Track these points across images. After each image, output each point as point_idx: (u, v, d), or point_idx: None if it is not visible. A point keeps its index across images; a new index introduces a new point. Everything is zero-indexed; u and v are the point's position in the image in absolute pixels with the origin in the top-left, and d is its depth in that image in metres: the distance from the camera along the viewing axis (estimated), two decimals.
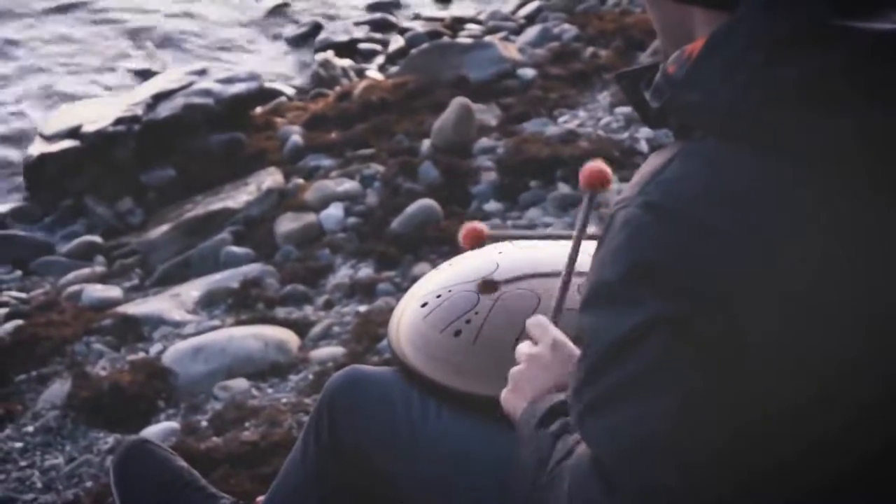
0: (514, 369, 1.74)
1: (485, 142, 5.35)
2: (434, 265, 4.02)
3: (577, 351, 1.68)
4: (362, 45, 8.23)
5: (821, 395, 1.31)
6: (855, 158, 1.31)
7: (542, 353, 1.72)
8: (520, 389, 1.70)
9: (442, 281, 2.24)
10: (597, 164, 2.12)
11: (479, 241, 2.26)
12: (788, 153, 1.31)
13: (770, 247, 1.29)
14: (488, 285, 2.17)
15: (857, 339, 1.31)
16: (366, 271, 4.50)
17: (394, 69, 7.34)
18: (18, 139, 7.23)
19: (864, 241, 1.31)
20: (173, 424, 3.57)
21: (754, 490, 1.33)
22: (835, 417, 1.32)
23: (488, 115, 5.79)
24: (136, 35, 8.90)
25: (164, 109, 6.44)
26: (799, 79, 1.30)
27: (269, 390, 3.72)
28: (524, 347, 1.76)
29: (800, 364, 1.30)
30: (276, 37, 8.83)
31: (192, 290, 4.65)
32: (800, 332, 1.29)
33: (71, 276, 5.23)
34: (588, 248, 1.99)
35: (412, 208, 4.78)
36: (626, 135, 5.28)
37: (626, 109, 5.41)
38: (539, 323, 1.79)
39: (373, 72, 7.53)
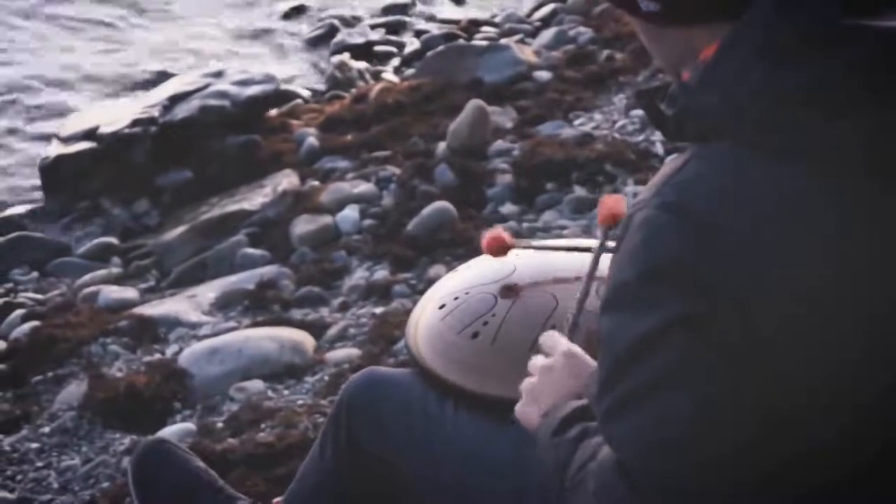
0: (526, 381, 1.74)
1: (500, 144, 5.35)
2: (450, 267, 4.03)
3: (589, 360, 1.69)
4: (378, 48, 8.24)
5: (831, 393, 1.32)
6: (867, 160, 1.31)
7: (555, 363, 1.73)
8: (534, 401, 1.70)
9: (459, 283, 2.24)
10: (614, 202, 2.12)
11: (503, 251, 2.26)
12: (800, 155, 1.31)
13: (781, 248, 1.30)
14: (509, 290, 2.17)
15: (866, 339, 1.32)
16: (381, 273, 4.49)
17: (409, 71, 7.34)
18: (35, 141, 7.25)
19: (874, 243, 1.32)
20: (189, 426, 3.57)
21: (769, 489, 1.34)
22: (844, 416, 1.33)
23: (504, 117, 5.78)
24: (151, 37, 8.93)
25: (181, 111, 6.44)
26: (811, 80, 1.30)
27: (285, 392, 3.72)
28: (537, 360, 1.76)
29: (812, 363, 1.30)
30: (292, 39, 8.85)
31: (208, 291, 4.65)
32: (811, 332, 1.30)
33: (87, 277, 5.23)
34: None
35: (428, 210, 4.78)
36: (641, 137, 5.27)
37: (642, 112, 5.40)
38: (551, 336, 1.80)
39: (388, 74, 7.53)
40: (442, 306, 2.19)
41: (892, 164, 1.31)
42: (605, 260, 2.04)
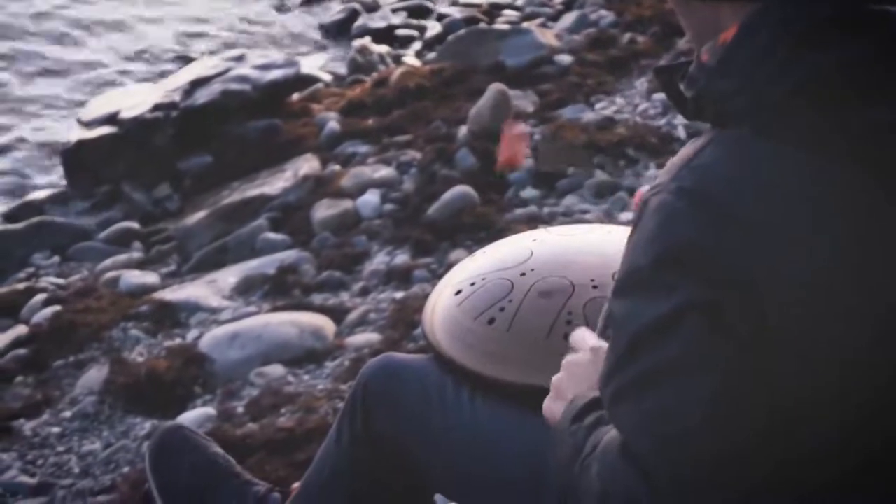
0: (554, 377, 1.73)
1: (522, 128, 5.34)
2: (470, 252, 4.02)
3: None
4: (399, 32, 8.24)
5: (836, 389, 1.31)
6: (876, 154, 1.30)
7: (581, 358, 1.72)
8: (560, 395, 1.69)
9: (476, 268, 2.23)
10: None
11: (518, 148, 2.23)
12: (811, 146, 1.30)
13: (790, 238, 1.29)
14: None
15: (872, 335, 1.31)
16: (402, 258, 4.49)
17: (431, 55, 7.33)
18: (57, 125, 7.27)
19: (882, 240, 1.31)
20: (209, 410, 3.58)
21: (778, 482, 1.33)
22: (848, 412, 1.32)
23: (525, 101, 5.77)
24: (173, 22, 8.94)
25: (202, 96, 6.45)
26: (828, 69, 1.30)
27: (305, 377, 3.72)
28: (567, 358, 1.76)
29: (817, 357, 1.29)
30: (314, 23, 8.84)
31: (229, 276, 4.66)
32: (818, 324, 1.29)
33: (108, 262, 5.25)
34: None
35: (448, 195, 4.77)
36: (663, 121, 5.26)
37: (664, 96, 5.38)
38: (580, 334, 1.79)
39: (410, 58, 7.52)
40: (458, 292, 2.18)
41: None
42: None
